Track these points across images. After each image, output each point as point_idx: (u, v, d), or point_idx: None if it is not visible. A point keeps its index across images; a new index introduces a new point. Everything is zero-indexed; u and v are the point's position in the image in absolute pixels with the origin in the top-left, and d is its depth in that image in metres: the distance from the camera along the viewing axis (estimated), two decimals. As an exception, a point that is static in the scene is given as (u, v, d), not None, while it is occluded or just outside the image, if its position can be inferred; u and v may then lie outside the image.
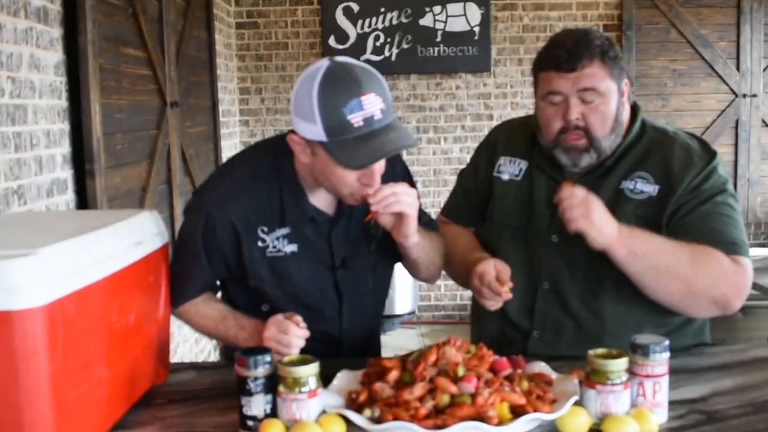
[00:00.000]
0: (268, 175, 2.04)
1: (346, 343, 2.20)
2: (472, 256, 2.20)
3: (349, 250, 2.10)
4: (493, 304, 2.07)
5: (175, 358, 4.63)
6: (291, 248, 2.04)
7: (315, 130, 1.80)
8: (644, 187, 2.09)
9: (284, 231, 2.03)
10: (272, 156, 2.06)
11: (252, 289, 2.11)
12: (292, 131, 1.92)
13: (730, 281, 2.00)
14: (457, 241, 2.35)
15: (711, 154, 2.11)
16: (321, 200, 2.06)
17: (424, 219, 2.25)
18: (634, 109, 2.21)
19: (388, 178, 2.08)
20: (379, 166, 1.90)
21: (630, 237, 1.97)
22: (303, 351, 1.88)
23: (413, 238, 1.99)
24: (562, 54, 2.03)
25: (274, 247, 2.03)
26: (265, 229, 2.03)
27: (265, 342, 1.89)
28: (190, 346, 4.98)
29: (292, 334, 1.87)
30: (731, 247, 2.02)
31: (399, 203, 1.89)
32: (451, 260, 2.32)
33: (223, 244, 2.04)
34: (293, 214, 2.03)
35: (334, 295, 2.14)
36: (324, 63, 1.83)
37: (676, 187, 2.06)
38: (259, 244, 2.03)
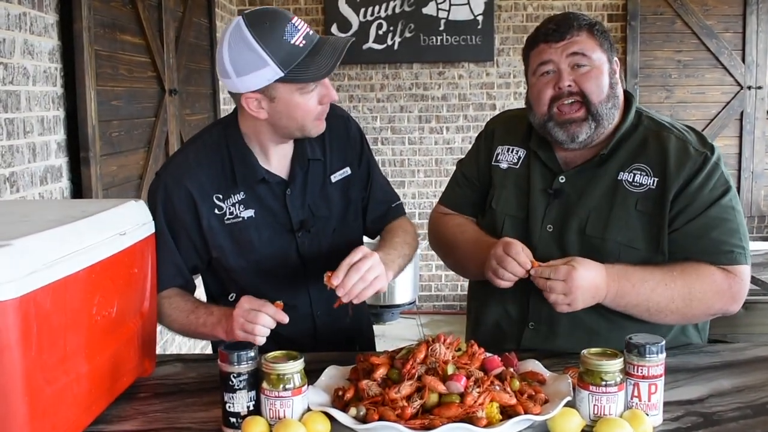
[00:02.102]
0: (218, 143, 2.10)
1: (321, 325, 2.19)
2: (487, 238, 2.16)
3: (308, 214, 2.13)
4: (507, 283, 2.01)
5: (172, 347, 4.61)
6: (248, 213, 2.08)
7: (269, 72, 1.87)
8: (643, 179, 2.06)
9: (239, 196, 2.08)
10: (221, 127, 2.14)
11: (222, 275, 2.14)
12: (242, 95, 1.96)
13: (725, 296, 2.02)
14: (466, 228, 2.31)
15: (708, 148, 2.07)
16: (272, 163, 2.10)
17: (391, 211, 2.32)
18: (628, 99, 2.17)
19: (342, 140, 2.20)
20: (329, 83, 1.97)
21: (618, 296, 1.98)
22: (280, 336, 1.88)
23: (388, 282, 1.97)
24: (550, 27, 2.09)
25: (231, 213, 2.08)
26: (220, 196, 2.07)
27: (234, 317, 1.86)
28: (188, 335, 4.95)
29: (264, 310, 1.84)
30: (729, 257, 2.01)
31: (370, 287, 1.86)
32: (457, 247, 2.29)
33: (183, 219, 2.07)
34: (243, 175, 2.07)
35: (298, 261, 2.15)
36: (237, 19, 1.91)
37: (673, 180, 2.03)
38: (216, 211, 2.07)
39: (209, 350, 4.50)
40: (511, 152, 2.27)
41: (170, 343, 4.58)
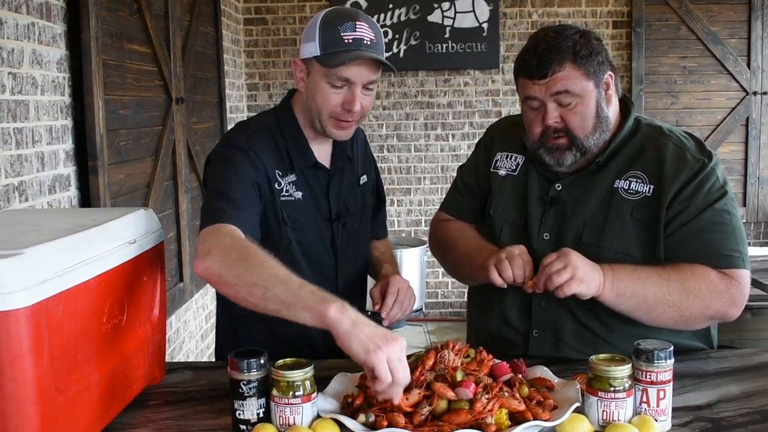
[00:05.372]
0: (273, 128, 2.19)
1: None
2: (486, 244, 2.20)
3: (342, 206, 2.25)
4: (501, 281, 2.01)
5: (180, 355, 4.61)
6: (298, 194, 2.16)
7: (312, 47, 2.05)
8: (639, 187, 2.06)
9: (292, 177, 2.16)
10: (273, 114, 2.25)
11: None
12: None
13: (722, 297, 2.00)
14: (466, 232, 2.33)
15: (706, 155, 2.07)
16: (318, 152, 2.21)
17: (381, 233, 2.52)
18: (627, 106, 2.18)
19: (362, 149, 2.38)
20: (360, 95, 2.07)
21: (615, 280, 1.98)
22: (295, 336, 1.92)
23: None
24: (532, 62, 2.04)
25: (287, 191, 2.14)
26: (280, 173, 2.14)
27: (372, 338, 1.54)
28: (196, 342, 4.96)
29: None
30: (726, 260, 2.01)
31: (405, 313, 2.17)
32: (456, 249, 2.31)
33: (258, 180, 2.07)
34: (298, 158, 2.16)
35: (331, 253, 2.24)
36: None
37: (669, 186, 2.03)
38: (276, 186, 2.13)
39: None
40: (510, 159, 2.28)
41: (177, 351, 4.59)
